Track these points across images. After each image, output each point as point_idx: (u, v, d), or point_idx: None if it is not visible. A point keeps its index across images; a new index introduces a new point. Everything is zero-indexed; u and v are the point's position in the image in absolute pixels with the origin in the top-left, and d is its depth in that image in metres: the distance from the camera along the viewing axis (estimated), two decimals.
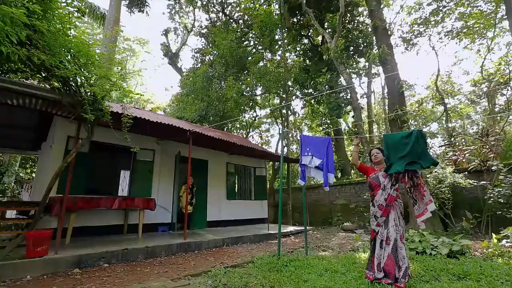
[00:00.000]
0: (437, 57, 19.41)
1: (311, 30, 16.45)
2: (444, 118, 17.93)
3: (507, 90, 15.58)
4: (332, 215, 10.98)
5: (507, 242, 4.57)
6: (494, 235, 4.69)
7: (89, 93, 4.28)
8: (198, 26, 21.09)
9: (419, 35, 16.67)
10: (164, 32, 21.71)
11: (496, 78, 15.85)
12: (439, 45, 27.68)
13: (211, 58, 16.22)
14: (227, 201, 9.30)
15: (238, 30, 16.87)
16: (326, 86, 10.94)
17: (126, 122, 4.71)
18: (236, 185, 10.26)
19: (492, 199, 6.08)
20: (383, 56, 7.59)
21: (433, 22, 16.19)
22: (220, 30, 14.13)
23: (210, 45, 14.89)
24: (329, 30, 11.57)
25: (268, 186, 12.85)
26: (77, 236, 5.35)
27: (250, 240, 6.87)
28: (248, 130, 19.18)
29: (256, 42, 17.14)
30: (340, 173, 14.57)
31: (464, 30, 15.98)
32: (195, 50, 18.17)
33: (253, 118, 18.37)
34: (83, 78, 4.12)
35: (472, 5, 14.83)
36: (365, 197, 9.36)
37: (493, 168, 6.17)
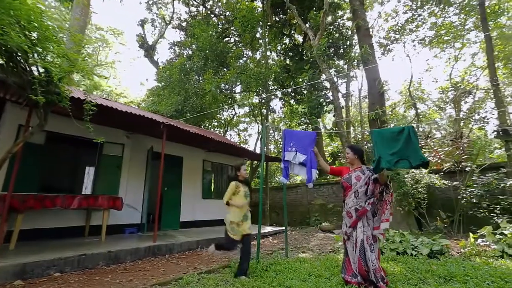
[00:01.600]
0: (410, 63, 20.27)
1: (293, 30, 16.40)
2: (415, 123, 18.78)
3: (472, 98, 16.61)
4: (310, 215, 10.91)
5: (482, 241, 4.64)
6: (471, 235, 4.75)
7: (43, 73, 3.67)
8: (176, 19, 20.27)
9: (394, 41, 17.30)
10: (140, 23, 20.59)
11: (462, 86, 16.86)
12: (412, 52, 29.07)
13: (190, 52, 15.58)
14: (203, 200, 8.83)
15: (219, 25, 16.37)
16: (306, 85, 10.85)
17: (88, 110, 4.13)
18: (213, 184, 9.81)
19: (465, 199, 6.25)
20: (365, 56, 7.59)
21: (407, 30, 16.89)
22: (200, 23, 13.56)
23: (190, 38, 14.27)
24: (313, 29, 11.49)
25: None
26: (26, 241, 4.64)
27: None
28: (226, 128, 18.72)
29: (237, 39, 16.75)
30: (318, 173, 14.60)
31: (435, 40, 16.83)
32: (173, 43, 17.38)
33: (232, 116, 17.97)
34: (35, 54, 3.50)
35: (443, 16, 15.62)
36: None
37: (466, 169, 6.34)
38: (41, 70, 3.71)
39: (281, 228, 9.15)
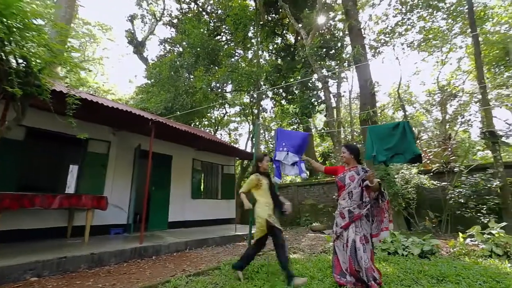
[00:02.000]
0: (400, 66, 20.65)
1: (285, 30, 16.39)
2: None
3: (458, 101, 17.09)
4: (301, 215, 10.88)
5: (471, 241, 4.69)
6: (461, 234, 4.80)
7: (21, 64, 3.44)
8: (167, 15, 19.88)
9: (384, 44, 17.56)
10: (129, 18, 20.07)
11: (449, 89, 17.30)
12: (401, 55, 29.55)
13: (181, 49, 15.30)
14: (192, 200, 8.63)
15: (211, 23, 16.17)
16: (297, 85, 10.83)
17: (72, 104, 3.91)
18: (202, 183, 9.63)
19: (453, 199, 6.33)
20: (358, 56, 7.61)
21: (397, 34, 17.15)
22: (191, 19, 13.33)
23: (181, 35, 14.01)
24: (305, 28, 11.48)
25: (235, 185, 12.37)
26: (3, 243, 4.37)
27: (216, 242, 6.34)
28: (216, 127, 18.53)
29: (229, 37, 16.59)
30: (308, 173, 14.61)
31: (423, 44, 17.15)
32: (164, 40, 17.05)
33: (222, 115, 17.81)
34: (12, 43, 3.26)
35: (431, 20, 15.94)
36: (334, 197, 9.37)
37: (455, 169, 6.43)
38: (20, 60, 3.48)
39: None
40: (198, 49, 12.13)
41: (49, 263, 3.48)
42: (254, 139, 7.26)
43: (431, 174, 7.06)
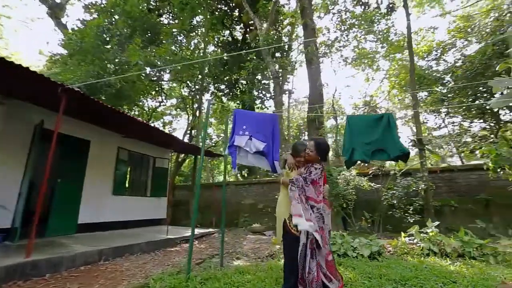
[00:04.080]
0: (335, 77, 22.44)
1: (234, 23, 15.77)
2: (335, 131, 20.91)
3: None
4: (239, 216, 10.33)
5: (409, 240, 4.90)
6: (403, 234, 4.98)
7: None
8: None
9: (324, 56, 18.78)
10: None
11: (373, 104, 19.61)
12: (337, 68, 32.49)
13: (113, 20, 12.97)
14: (113, 196, 7.10)
15: (152, 1, 14.34)
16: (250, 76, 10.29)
17: None
18: (128, 177, 8.11)
19: (386, 200, 6.74)
20: (310, 55, 7.55)
21: (334, 49, 18.56)
22: None
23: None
24: (261, 20, 11.04)
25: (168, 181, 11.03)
26: None
27: (142, 249, 5.20)
28: (149, 118, 16.52)
29: (172, 22, 15.03)
30: (248, 172, 14.23)
31: (356, 61, 19.01)
32: (91, 4, 14.26)
33: (158, 103, 16.00)
34: None
35: (365, 39, 17.75)
36: (276, 196, 9.12)
37: (391, 172, 6.88)
38: None
39: (207, 230, 8.26)
40: (136, 22, 10.38)
41: None
42: (205, 118, 6.38)
43: (370, 176, 7.46)
